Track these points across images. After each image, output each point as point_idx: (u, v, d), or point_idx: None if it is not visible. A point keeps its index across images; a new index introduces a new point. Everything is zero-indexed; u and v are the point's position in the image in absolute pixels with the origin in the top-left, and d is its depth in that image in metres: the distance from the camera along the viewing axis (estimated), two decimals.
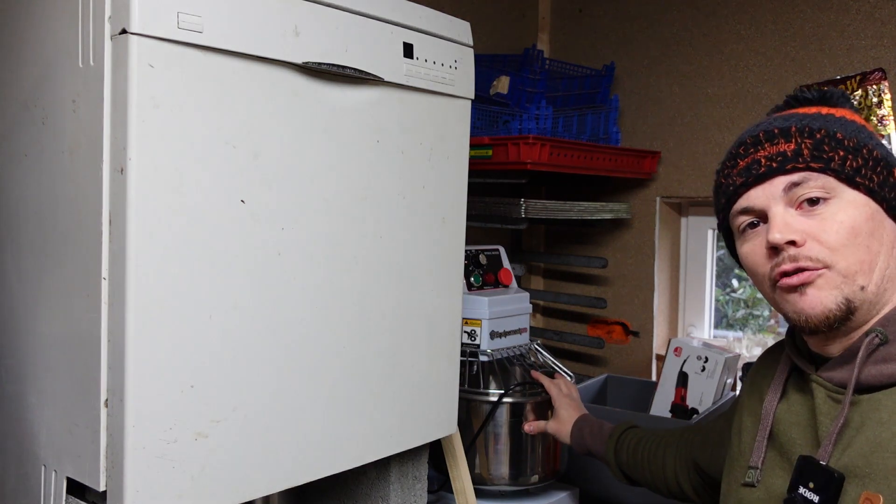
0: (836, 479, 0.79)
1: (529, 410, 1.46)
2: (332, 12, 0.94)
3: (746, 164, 0.86)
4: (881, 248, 0.82)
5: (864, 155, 0.83)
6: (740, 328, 2.16)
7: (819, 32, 1.79)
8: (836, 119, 0.86)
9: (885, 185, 0.84)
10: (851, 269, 0.81)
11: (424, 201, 1.10)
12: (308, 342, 0.95)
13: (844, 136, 0.84)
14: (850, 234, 0.81)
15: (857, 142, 0.84)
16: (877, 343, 0.80)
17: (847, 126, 0.85)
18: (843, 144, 0.83)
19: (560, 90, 1.95)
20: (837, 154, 0.83)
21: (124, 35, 0.76)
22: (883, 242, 0.83)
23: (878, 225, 0.83)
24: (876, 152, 0.84)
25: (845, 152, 0.83)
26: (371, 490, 1.23)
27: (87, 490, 0.85)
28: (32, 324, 0.90)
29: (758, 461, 0.90)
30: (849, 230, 0.81)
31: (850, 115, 0.88)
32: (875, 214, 0.83)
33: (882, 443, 0.78)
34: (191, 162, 0.82)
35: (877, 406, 0.80)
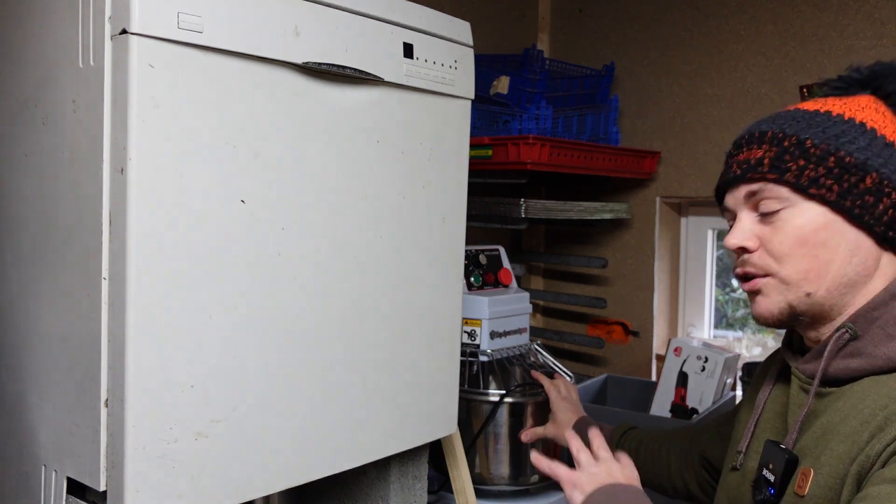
0: (789, 460, 0.83)
1: (529, 415, 1.46)
2: (332, 12, 0.94)
3: (727, 166, 0.92)
4: (834, 257, 0.84)
5: (828, 164, 0.83)
6: (740, 328, 2.16)
7: (819, 32, 1.79)
8: (821, 121, 0.86)
9: (848, 194, 0.83)
10: (794, 278, 0.85)
11: (424, 201, 1.10)
12: (308, 342, 0.95)
13: (815, 143, 0.84)
14: (795, 244, 0.85)
15: (825, 149, 0.83)
16: (846, 338, 0.83)
17: (828, 130, 0.84)
18: (808, 153, 0.84)
19: (560, 90, 1.95)
20: (797, 164, 0.84)
21: (124, 35, 0.76)
22: (838, 251, 0.84)
23: (834, 234, 0.84)
24: (849, 158, 0.83)
25: (806, 161, 0.84)
26: (371, 490, 1.23)
27: (87, 490, 0.85)
28: (32, 324, 0.90)
29: (743, 447, 0.94)
30: (795, 240, 0.85)
31: (852, 113, 0.86)
32: (830, 224, 0.84)
33: (832, 426, 0.81)
34: (191, 162, 0.82)
35: (839, 397, 0.83)
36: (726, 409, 1.76)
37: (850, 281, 0.85)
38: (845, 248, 0.84)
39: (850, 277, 0.84)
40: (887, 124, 0.85)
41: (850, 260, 0.84)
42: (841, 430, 0.80)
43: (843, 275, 0.84)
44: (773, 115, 0.91)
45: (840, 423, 0.81)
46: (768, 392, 0.95)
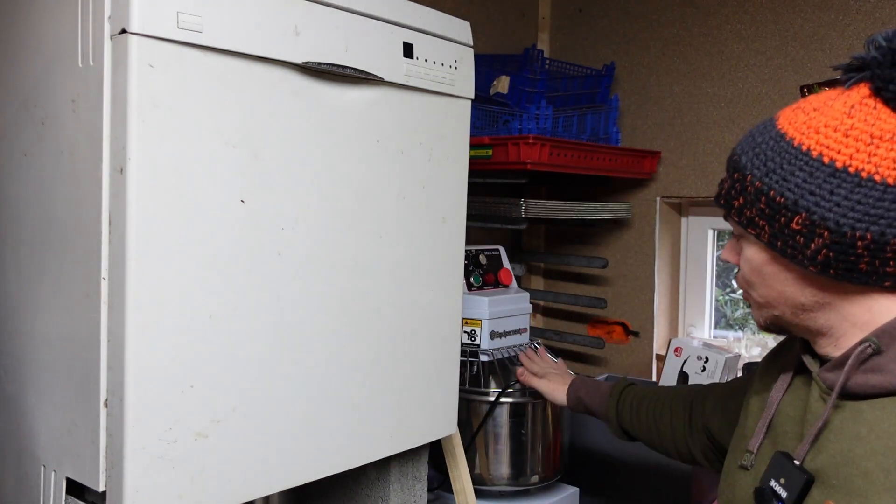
0: (805, 480, 0.81)
1: (529, 415, 1.45)
2: (332, 12, 0.94)
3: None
4: (784, 288, 0.84)
5: (760, 204, 0.81)
6: (740, 328, 2.16)
7: (819, 32, 1.79)
8: (770, 149, 0.81)
9: (780, 234, 0.80)
10: (760, 301, 0.88)
11: (424, 201, 1.10)
12: (308, 342, 0.95)
13: (753, 178, 0.81)
14: (752, 272, 0.86)
15: (759, 188, 0.81)
16: (869, 353, 0.80)
17: (770, 162, 0.81)
18: (746, 190, 0.82)
19: (560, 90, 1.95)
20: (738, 201, 0.84)
21: (124, 35, 0.76)
22: (787, 284, 0.83)
23: (779, 269, 0.83)
24: (780, 198, 0.79)
25: (744, 199, 0.83)
26: (371, 490, 1.23)
27: (86, 490, 0.85)
28: (32, 324, 0.90)
29: (754, 446, 0.92)
30: (751, 270, 0.86)
31: (803, 136, 0.79)
32: (774, 260, 0.83)
33: (854, 458, 0.78)
34: (191, 162, 0.82)
35: (858, 416, 0.80)
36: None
37: (810, 307, 0.83)
38: (793, 281, 0.83)
39: (809, 305, 0.83)
40: (850, 143, 0.76)
41: (801, 292, 0.83)
42: (871, 472, 0.76)
43: (799, 303, 0.83)
44: (752, 130, 0.87)
45: (865, 458, 0.77)
46: (783, 391, 0.92)
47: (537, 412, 1.47)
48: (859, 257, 0.77)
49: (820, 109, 0.80)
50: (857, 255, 0.77)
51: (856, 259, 0.77)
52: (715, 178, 1.96)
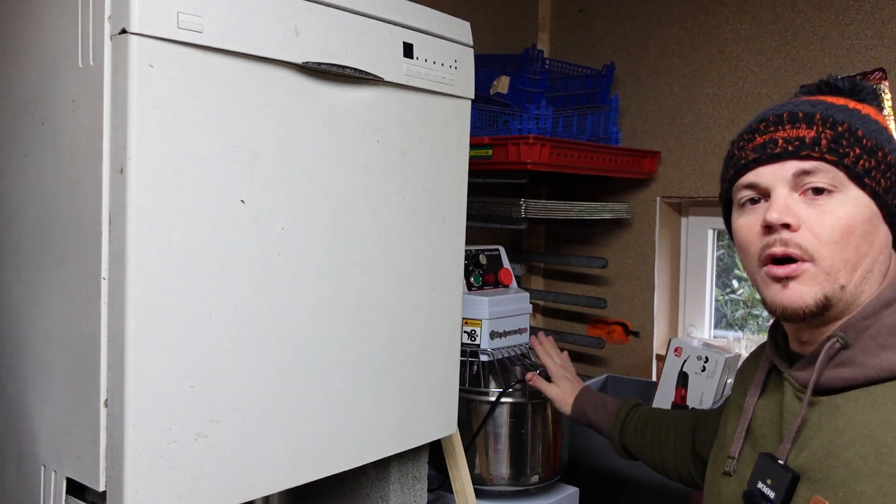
0: (791, 478, 0.82)
1: (529, 415, 1.45)
2: (332, 12, 0.94)
3: (763, 142, 0.86)
4: (869, 251, 0.84)
5: (878, 157, 0.84)
6: (739, 328, 2.16)
7: (819, 32, 1.79)
8: (860, 115, 0.85)
9: (890, 191, 0.84)
10: (835, 267, 0.82)
11: (424, 201, 1.10)
12: (308, 342, 0.95)
13: (865, 134, 0.84)
14: (843, 231, 0.82)
15: (874, 142, 0.84)
16: (837, 347, 0.82)
17: (870, 125, 0.85)
18: (862, 143, 0.83)
19: (560, 90, 1.95)
20: (854, 151, 0.83)
21: (124, 35, 0.76)
22: (872, 246, 0.84)
23: (874, 228, 0.84)
24: (890, 157, 0.84)
25: (861, 150, 0.83)
26: (371, 490, 1.23)
27: (86, 490, 0.85)
28: (32, 324, 0.90)
29: (735, 452, 0.93)
30: (844, 228, 0.82)
31: (874, 114, 0.87)
32: (873, 218, 0.84)
33: (835, 451, 0.80)
34: (191, 162, 0.82)
35: (834, 410, 0.82)
36: None
37: (870, 278, 0.84)
38: (878, 244, 0.84)
39: (874, 274, 0.85)
40: None
41: (878, 257, 0.84)
42: (851, 461, 0.78)
43: (869, 270, 0.84)
44: (803, 100, 0.89)
45: (845, 449, 0.79)
46: (758, 396, 0.94)
47: (537, 412, 1.47)
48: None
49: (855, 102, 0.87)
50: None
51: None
52: (715, 178, 1.95)
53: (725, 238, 2.16)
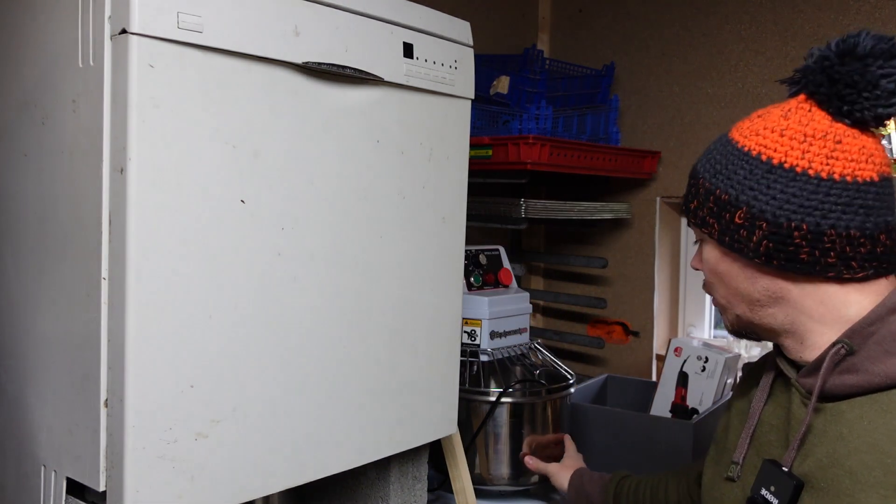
0: (795, 485, 0.82)
1: (528, 417, 1.45)
2: (332, 12, 0.94)
3: None
4: (738, 284, 0.88)
5: (710, 203, 0.87)
6: None
7: (819, 32, 1.79)
8: (719, 153, 0.89)
9: (726, 230, 0.86)
10: (721, 302, 0.92)
11: (424, 201, 1.10)
12: (308, 342, 0.95)
13: (705, 179, 0.88)
14: (711, 273, 0.91)
15: (709, 188, 0.87)
16: (843, 354, 0.81)
17: (717, 164, 0.88)
18: (699, 192, 0.89)
19: (560, 90, 1.95)
20: (693, 203, 0.90)
21: (124, 35, 0.76)
22: (739, 280, 0.88)
23: (730, 265, 0.88)
24: (724, 196, 0.85)
25: (698, 202, 0.89)
26: (371, 490, 1.23)
27: (86, 490, 0.85)
28: (32, 324, 0.90)
29: (739, 457, 0.93)
30: (709, 271, 0.91)
31: (745, 139, 0.86)
32: (723, 258, 0.88)
33: (838, 459, 0.79)
34: (191, 162, 0.82)
35: (839, 417, 0.81)
36: None
37: (765, 302, 0.87)
38: (744, 277, 0.87)
39: (763, 300, 0.87)
40: (785, 141, 0.83)
41: (753, 287, 0.87)
42: (855, 470, 0.77)
43: (755, 298, 0.87)
44: (713, 142, 0.94)
45: (848, 457, 0.78)
46: (764, 401, 0.93)
47: (537, 412, 1.47)
48: (798, 247, 0.81)
49: (762, 115, 0.88)
50: (795, 245, 0.81)
51: (795, 249, 0.82)
52: None
53: None
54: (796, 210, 0.81)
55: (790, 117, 0.84)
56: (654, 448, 1.55)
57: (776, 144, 0.83)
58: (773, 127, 0.85)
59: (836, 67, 0.82)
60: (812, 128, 0.83)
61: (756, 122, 0.87)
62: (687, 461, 1.52)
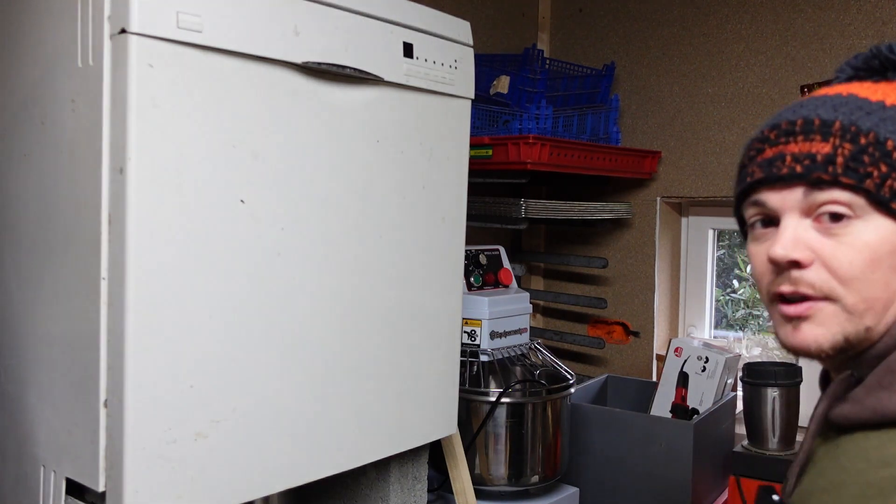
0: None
1: (529, 416, 1.45)
2: (332, 12, 0.94)
3: (771, 157, 0.73)
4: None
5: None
6: (740, 328, 2.16)
7: (820, 32, 1.79)
8: (889, 112, 0.70)
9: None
10: (860, 307, 0.69)
11: (424, 201, 1.10)
12: (308, 342, 0.95)
13: (894, 144, 0.68)
14: (867, 265, 0.68)
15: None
16: (852, 381, 0.73)
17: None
18: (890, 157, 0.68)
19: (560, 90, 1.94)
20: (878, 169, 0.68)
21: (123, 35, 0.76)
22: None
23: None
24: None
25: (888, 168, 0.68)
26: (371, 490, 1.23)
27: (86, 490, 0.85)
28: (32, 324, 0.90)
29: (789, 485, 0.84)
30: (867, 261, 0.68)
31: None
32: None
33: (810, 493, 0.71)
34: (191, 162, 0.82)
35: (834, 450, 0.72)
36: (727, 409, 1.75)
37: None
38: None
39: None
40: None
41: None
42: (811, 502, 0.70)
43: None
44: (822, 99, 0.73)
45: (817, 495, 0.70)
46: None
47: (537, 412, 1.47)
48: None
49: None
50: None
51: None
52: (715, 178, 1.96)
53: (725, 238, 2.16)
54: None
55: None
56: (654, 448, 1.55)
57: None
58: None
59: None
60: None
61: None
62: (687, 461, 1.52)
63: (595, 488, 1.64)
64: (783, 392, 1.62)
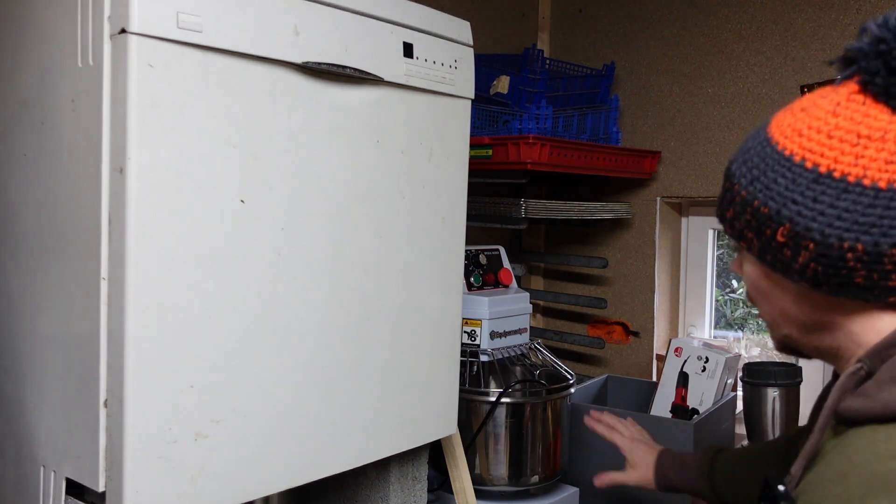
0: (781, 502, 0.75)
1: (529, 416, 1.45)
2: (332, 12, 0.94)
3: None
4: (784, 304, 0.78)
5: (747, 215, 0.74)
6: (739, 328, 2.16)
7: (820, 32, 1.79)
8: (756, 155, 0.75)
9: (767, 248, 0.74)
10: (767, 319, 0.83)
11: (424, 201, 1.10)
12: (307, 342, 0.95)
13: (741, 186, 0.75)
14: (752, 288, 0.81)
15: (745, 197, 0.74)
16: (862, 375, 0.73)
17: (755, 169, 0.74)
18: (734, 200, 0.76)
19: (560, 90, 1.94)
20: (729, 212, 0.77)
21: (123, 35, 0.76)
22: (785, 299, 0.77)
23: (774, 284, 0.77)
24: (763, 208, 0.72)
25: (734, 212, 0.76)
26: (371, 490, 1.23)
27: (86, 490, 0.85)
28: (32, 324, 0.90)
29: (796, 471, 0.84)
30: (750, 287, 0.81)
31: (787, 139, 0.72)
32: (765, 275, 0.78)
33: (813, 484, 0.71)
34: (191, 162, 0.82)
35: (842, 442, 0.73)
36: (727, 409, 1.76)
37: (812, 327, 0.77)
38: (790, 298, 0.77)
39: (810, 324, 0.77)
40: (834, 144, 0.69)
41: (800, 308, 0.77)
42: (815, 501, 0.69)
43: (801, 321, 0.78)
44: (750, 133, 0.80)
45: (820, 486, 0.70)
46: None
47: (537, 412, 1.47)
48: (852, 270, 0.69)
49: (807, 109, 0.74)
50: (849, 269, 0.69)
51: (849, 273, 0.70)
52: (715, 178, 1.96)
53: (725, 238, 2.16)
54: (849, 228, 0.68)
55: (840, 113, 0.70)
56: None
57: (823, 148, 0.70)
58: (819, 126, 0.71)
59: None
60: (867, 126, 0.68)
61: (799, 117, 0.73)
62: None
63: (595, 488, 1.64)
64: (783, 392, 1.62)
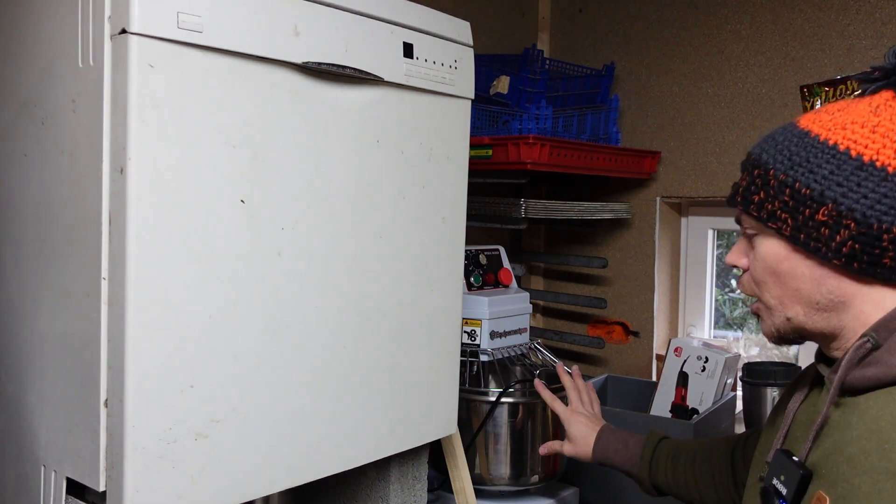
0: (802, 475, 0.81)
1: (529, 415, 1.45)
2: (332, 12, 0.94)
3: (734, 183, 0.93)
4: (800, 285, 0.84)
5: (784, 196, 0.82)
6: (739, 328, 2.16)
7: (819, 32, 1.79)
8: (794, 145, 0.84)
9: (803, 227, 0.81)
10: (772, 303, 0.87)
11: (424, 201, 1.10)
12: (308, 342, 0.95)
13: (776, 172, 0.83)
14: (766, 271, 0.86)
15: (783, 180, 0.83)
16: (868, 348, 0.80)
17: (795, 157, 0.83)
18: (769, 184, 0.84)
19: (560, 90, 1.95)
20: (759, 195, 0.85)
21: (124, 35, 0.76)
22: (803, 281, 0.84)
23: (796, 265, 0.84)
24: (805, 190, 0.81)
25: (766, 194, 0.84)
26: (371, 490, 1.23)
27: (86, 490, 0.85)
28: (32, 324, 0.90)
29: (771, 457, 0.91)
30: (764, 269, 0.87)
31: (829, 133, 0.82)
32: (791, 256, 0.84)
33: (841, 446, 0.78)
34: (191, 162, 0.82)
35: (854, 408, 0.80)
36: (727, 409, 1.76)
37: (825, 306, 0.84)
38: (809, 279, 0.84)
39: (824, 303, 0.84)
40: (877, 138, 0.79)
41: (817, 289, 0.83)
42: (854, 456, 0.76)
43: (815, 301, 0.84)
44: (772, 132, 0.89)
45: (850, 444, 0.77)
46: (800, 401, 0.92)
47: (537, 412, 1.47)
48: (884, 251, 0.78)
49: (844, 110, 0.83)
50: (882, 249, 0.78)
51: (881, 252, 0.78)
52: (715, 178, 1.96)
53: (725, 238, 2.16)
54: (887, 211, 0.77)
55: (881, 114, 0.80)
56: None
57: (867, 141, 0.79)
58: (862, 122, 0.80)
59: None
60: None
61: (838, 116, 0.83)
62: None
63: (595, 488, 1.64)
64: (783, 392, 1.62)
